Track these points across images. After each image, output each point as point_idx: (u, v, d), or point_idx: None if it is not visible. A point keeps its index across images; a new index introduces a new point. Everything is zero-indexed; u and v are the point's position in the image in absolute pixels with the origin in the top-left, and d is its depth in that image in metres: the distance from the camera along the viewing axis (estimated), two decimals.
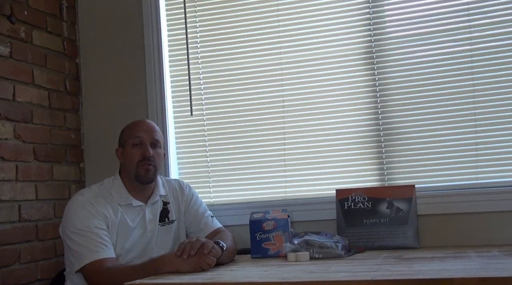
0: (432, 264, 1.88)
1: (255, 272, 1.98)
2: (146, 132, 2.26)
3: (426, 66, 2.55)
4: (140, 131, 2.26)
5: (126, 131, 2.30)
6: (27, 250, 2.54)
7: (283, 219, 2.38)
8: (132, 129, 2.28)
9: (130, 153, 2.24)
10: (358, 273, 1.81)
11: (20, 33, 2.60)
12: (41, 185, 2.65)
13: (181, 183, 2.44)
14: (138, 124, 2.30)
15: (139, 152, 2.23)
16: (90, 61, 2.96)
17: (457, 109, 2.51)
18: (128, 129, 2.29)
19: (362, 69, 2.64)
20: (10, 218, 2.47)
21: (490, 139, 2.47)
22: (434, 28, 2.55)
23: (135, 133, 2.25)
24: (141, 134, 2.25)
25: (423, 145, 2.54)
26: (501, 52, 2.46)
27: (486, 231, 2.40)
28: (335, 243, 2.21)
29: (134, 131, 2.26)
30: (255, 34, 2.78)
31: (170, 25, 2.89)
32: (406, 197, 2.46)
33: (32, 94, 2.64)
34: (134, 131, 2.26)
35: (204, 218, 2.39)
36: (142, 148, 2.23)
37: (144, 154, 2.22)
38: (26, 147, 2.59)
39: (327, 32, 2.68)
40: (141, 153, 2.22)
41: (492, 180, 2.45)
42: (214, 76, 2.83)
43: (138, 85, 2.87)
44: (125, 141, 2.27)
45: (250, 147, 2.76)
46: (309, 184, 2.68)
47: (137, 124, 2.31)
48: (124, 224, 2.19)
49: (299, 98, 2.71)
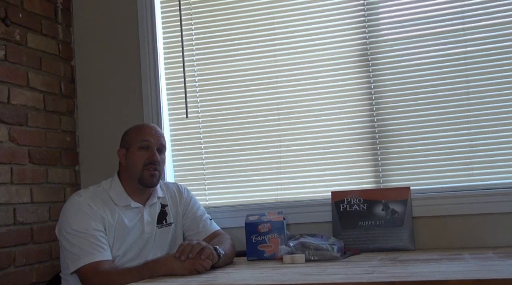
0: (428, 266, 1.89)
1: (251, 274, 1.98)
2: (154, 137, 2.26)
3: (421, 68, 2.56)
4: (148, 135, 2.25)
5: (132, 133, 2.29)
6: (22, 253, 2.53)
7: (279, 221, 2.38)
8: (139, 132, 2.27)
9: (136, 155, 2.23)
10: (354, 275, 1.81)
11: (15, 36, 2.60)
12: (36, 188, 2.64)
13: (179, 186, 2.44)
14: (146, 128, 2.30)
15: (145, 155, 2.23)
16: (85, 63, 2.96)
17: (452, 111, 2.51)
18: (135, 132, 2.28)
19: (357, 71, 2.65)
20: (5, 221, 2.46)
21: (484, 141, 2.47)
22: (429, 31, 2.55)
23: (143, 136, 2.25)
24: (149, 138, 2.25)
25: (418, 147, 2.55)
26: (495, 55, 2.47)
27: (481, 233, 2.41)
28: (330, 245, 2.21)
29: (142, 134, 2.26)
30: (250, 37, 2.78)
31: (166, 28, 2.89)
32: (402, 199, 2.47)
33: (27, 97, 2.64)
34: (141, 134, 2.26)
35: (202, 221, 2.39)
36: (149, 152, 2.23)
37: (151, 158, 2.22)
38: (21, 150, 2.58)
39: (322, 35, 2.69)
40: (148, 157, 2.22)
41: (487, 182, 2.46)
42: (209, 79, 2.83)
43: (133, 87, 2.87)
44: (130, 143, 2.26)
45: (246, 150, 2.76)
46: (305, 187, 2.68)
47: (145, 127, 2.30)
48: (122, 226, 2.19)
49: (294, 100, 2.71)
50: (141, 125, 2.34)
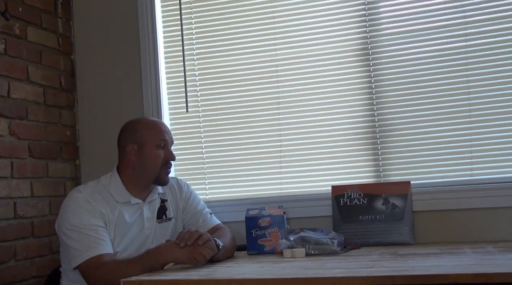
0: (428, 260, 1.89)
1: (251, 268, 1.98)
2: (168, 134, 2.27)
3: (421, 62, 2.55)
4: (164, 133, 2.25)
5: (146, 129, 2.24)
6: (23, 247, 2.53)
7: (279, 215, 2.38)
8: (155, 129, 2.24)
9: (154, 154, 2.21)
10: (354, 270, 1.81)
11: (14, 30, 2.59)
12: (36, 182, 2.64)
13: (179, 181, 2.44)
14: (160, 125, 2.28)
15: (162, 154, 2.22)
16: (85, 57, 2.96)
17: (452, 105, 2.51)
18: (150, 129, 2.24)
19: (357, 65, 2.64)
20: (6, 215, 2.46)
21: (485, 135, 2.47)
22: (430, 25, 2.55)
23: (161, 135, 2.23)
24: (165, 137, 2.24)
25: (418, 141, 2.55)
26: (496, 49, 2.46)
27: (481, 227, 2.41)
28: (330, 240, 2.21)
29: (158, 132, 2.23)
30: (250, 31, 2.77)
31: (166, 22, 2.89)
32: (402, 194, 2.47)
33: (27, 90, 2.64)
34: (158, 132, 2.23)
35: (202, 215, 2.39)
36: (165, 150, 2.23)
37: (169, 157, 2.24)
38: (21, 144, 2.58)
39: (322, 29, 2.68)
40: (165, 156, 2.23)
41: (487, 176, 2.46)
42: (209, 73, 2.83)
43: (133, 81, 2.87)
44: (146, 140, 2.21)
45: (246, 144, 2.76)
46: (305, 181, 2.68)
47: (159, 124, 2.28)
48: (122, 221, 2.19)
49: (294, 95, 2.71)
50: (155, 122, 2.30)
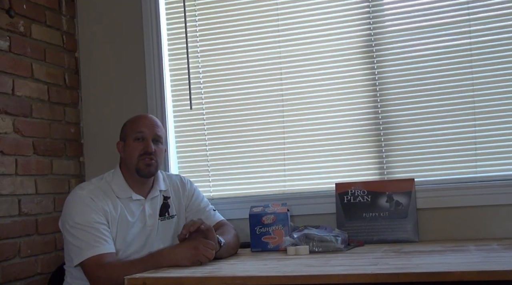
0: (432, 258, 1.89)
1: (255, 265, 1.98)
2: (148, 127, 2.26)
3: (425, 59, 2.55)
4: (142, 126, 2.26)
5: (128, 125, 2.31)
6: (27, 244, 2.54)
7: (283, 213, 2.38)
8: (134, 124, 2.28)
9: (131, 147, 2.24)
10: (358, 267, 1.81)
11: (19, 27, 2.60)
12: (40, 179, 2.65)
13: (182, 179, 2.45)
14: (141, 119, 2.31)
15: (140, 146, 2.23)
16: (89, 55, 2.96)
17: (457, 103, 2.51)
18: (130, 123, 2.30)
19: (361, 63, 2.64)
20: (10, 212, 2.47)
21: (489, 133, 2.47)
22: (434, 22, 2.54)
23: (138, 128, 2.26)
24: (143, 129, 2.25)
25: (422, 139, 2.54)
26: (500, 46, 2.46)
27: (485, 224, 2.41)
28: (334, 237, 2.21)
29: (137, 126, 2.27)
30: (254, 28, 2.77)
31: (170, 19, 2.89)
32: (406, 191, 2.46)
33: (32, 88, 2.64)
34: (136, 126, 2.27)
35: (206, 212, 2.39)
36: (144, 143, 2.24)
37: (145, 149, 2.23)
38: (26, 141, 2.59)
39: (326, 26, 2.68)
40: (143, 148, 2.23)
41: (491, 173, 2.45)
42: (213, 70, 2.83)
43: (137, 79, 2.87)
44: (126, 135, 2.28)
45: (250, 141, 2.76)
46: (309, 178, 2.68)
47: (140, 118, 2.31)
48: (124, 219, 2.20)
49: (298, 92, 2.71)
50: (136, 117, 2.34)
